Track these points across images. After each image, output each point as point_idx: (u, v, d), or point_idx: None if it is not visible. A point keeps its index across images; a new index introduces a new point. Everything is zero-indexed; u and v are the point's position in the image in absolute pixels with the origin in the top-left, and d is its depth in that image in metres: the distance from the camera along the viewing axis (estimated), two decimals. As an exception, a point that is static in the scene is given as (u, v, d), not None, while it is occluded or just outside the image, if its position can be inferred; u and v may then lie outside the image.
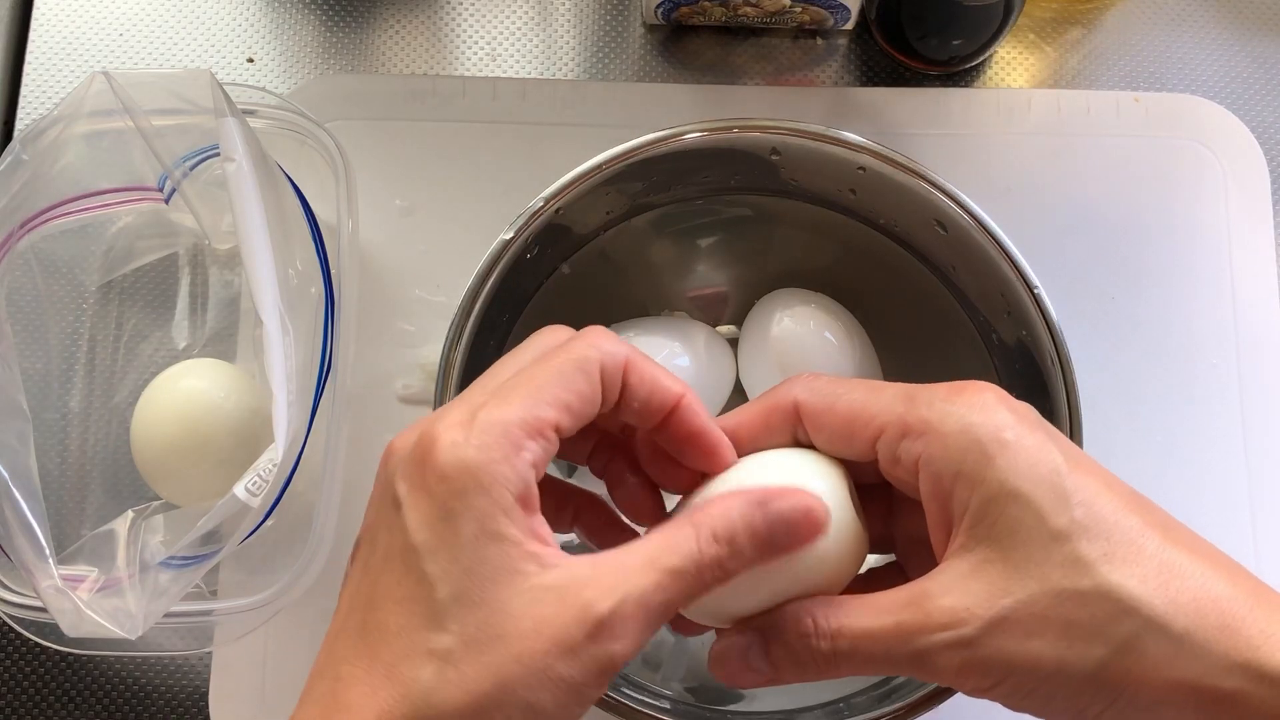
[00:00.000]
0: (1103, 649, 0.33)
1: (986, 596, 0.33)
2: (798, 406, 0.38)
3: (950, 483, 0.35)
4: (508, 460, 0.32)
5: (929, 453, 0.35)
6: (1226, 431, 0.59)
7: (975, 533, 0.34)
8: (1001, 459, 0.34)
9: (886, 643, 0.34)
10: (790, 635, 0.35)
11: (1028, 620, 0.33)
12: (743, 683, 0.36)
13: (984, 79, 0.65)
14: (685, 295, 0.58)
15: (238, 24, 0.64)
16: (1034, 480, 0.34)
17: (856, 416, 0.37)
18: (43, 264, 0.57)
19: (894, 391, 0.37)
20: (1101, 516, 0.34)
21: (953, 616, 0.33)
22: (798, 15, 0.62)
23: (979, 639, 0.33)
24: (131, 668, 0.56)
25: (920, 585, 0.35)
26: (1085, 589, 0.33)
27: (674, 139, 0.50)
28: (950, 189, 0.49)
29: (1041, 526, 0.33)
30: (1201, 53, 0.65)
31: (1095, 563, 0.33)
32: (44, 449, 0.56)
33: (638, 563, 0.33)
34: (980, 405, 0.35)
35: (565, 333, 0.37)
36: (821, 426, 0.38)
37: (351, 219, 0.55)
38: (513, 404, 0.33)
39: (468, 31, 0.65)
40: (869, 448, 0.37)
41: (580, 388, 0.34)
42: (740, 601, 0.36)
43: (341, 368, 0.53)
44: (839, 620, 0.35)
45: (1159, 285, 0.61)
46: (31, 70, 0.63)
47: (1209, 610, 0.33)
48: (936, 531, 0.36)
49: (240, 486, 0.46)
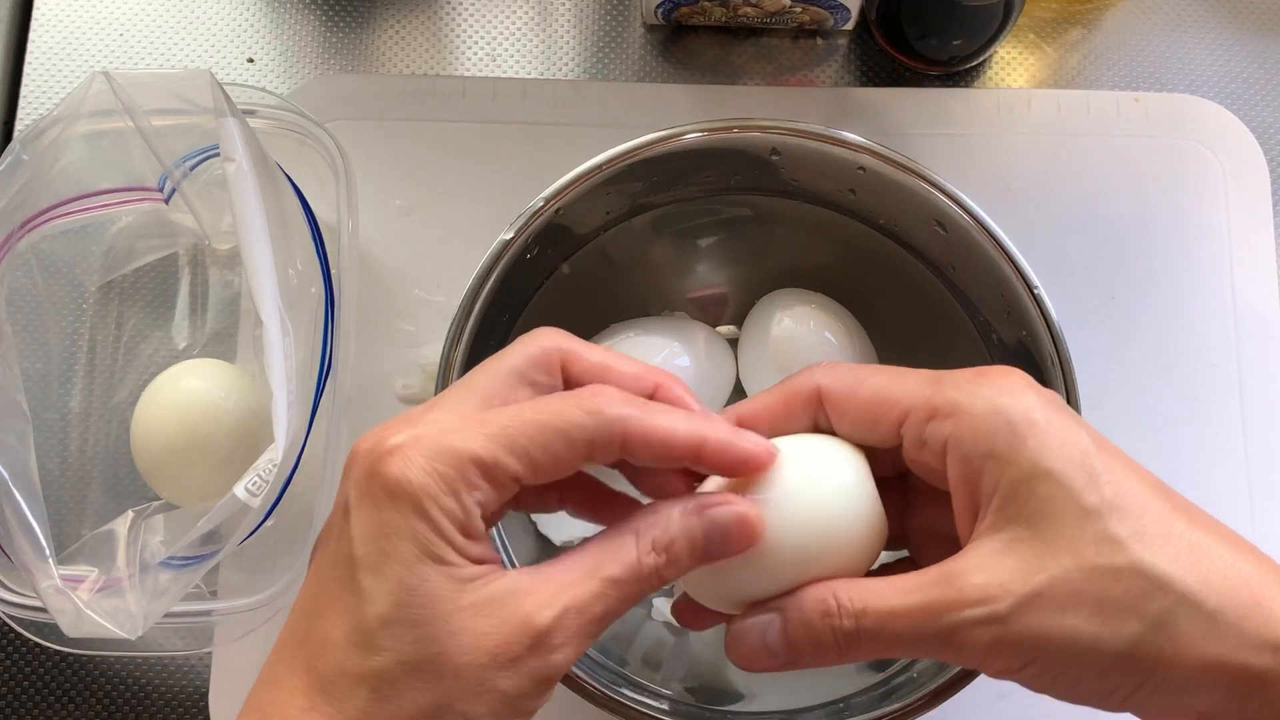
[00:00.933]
0: (1137, 625, 0.33)
1: (1020, 573, 0.33)
2: (820, 392, 0.38)
3: (980, 463, 0.34)
4: (454, 495, 0.32)
5: (958, 434, 0.35)
6: (1227, 431, 0.59)
7: (1006, 512, 0.34)
8: (1033, 439, 0.34)
9: (914, 620, 0.34)
10: (811, 614, 0.35)
11: (1062, 596, 0.33)
12: (757, 665, 0.36)
13: (984, 79, 0.65)
14: (685, 295, 0.58)
15: (238, 24, 0.64)
16: (1065, 459, 0.34)
17: (881, 400, 0.37)
18: (43, 264, 0.57)
19: (919, 376, 0.37)
20: (1131, 496, 0.34)
21: (985, 593, 0.33)
22: (798, 15, 0.62)
23: (1012, 615, 0.33)
24: (131, 668, 0.56)
25: (949, 565, 0.34)
26: (1120, 565, 0.33)
27: (674, 139, 0.50)
28: (950, 189, 0.49)
29: (1073, 504, 0.33)
30: (1201, 53, 0.65)
31: (1127, 540, 0.33)
32: (44, 449, 0.56)
33: (578, 574, 0.33)
34: (1009, 388, 0.35)
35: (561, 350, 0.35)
36: (845, 412, 0.38)
37: (351, 219, 0.55)
38: (478, 438, 0.32)
39: (468, 31, 0.65)
40: (893, 432, 0.37)
41: (557, 452, 0.33)
42: (757, 585, 0.36)
43: (341, 368, 0.53)
44: (863, 599, 0.34)
45: (1159, 285, 0.61)
46: (31, 70, 0.63)
47: (1240, 589, 0.33)
48: (963, 515, 0.36)
49: (240, 486, 0.46)
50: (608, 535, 0.34)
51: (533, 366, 0.35)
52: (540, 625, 0.32)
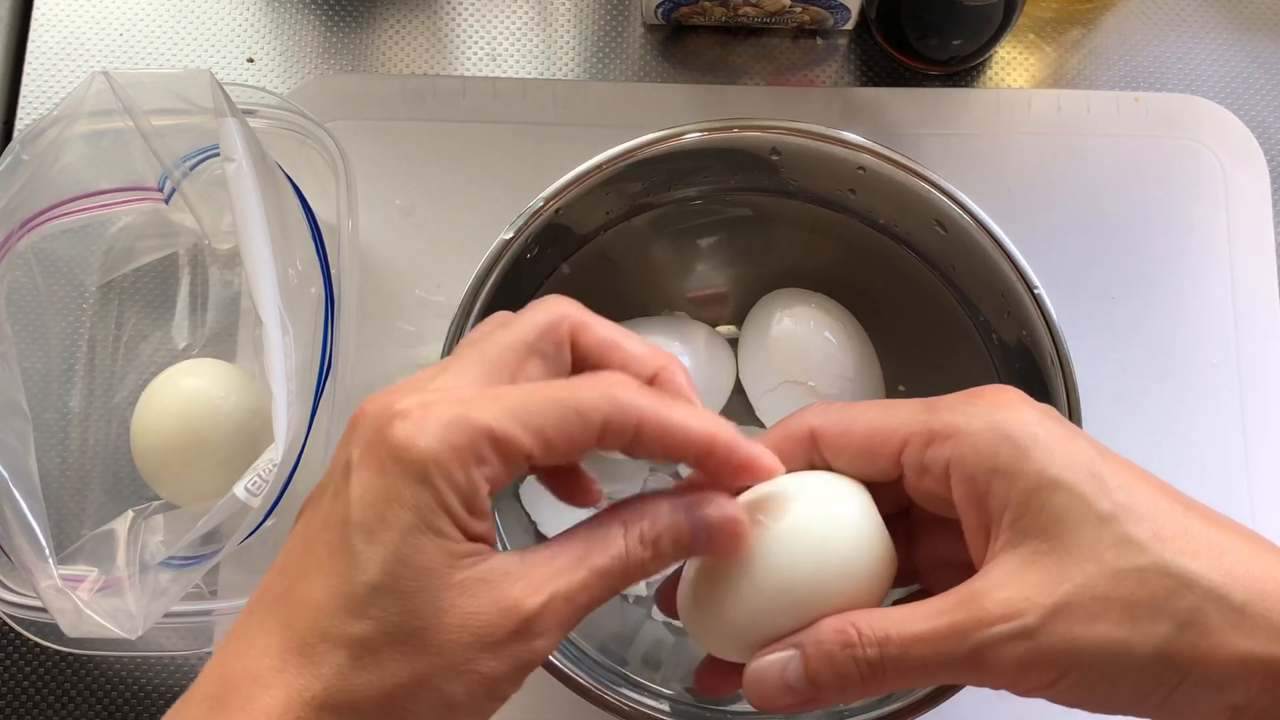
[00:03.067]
0: (1167, 625, 0.32)
1: (1044, 585, 0.33)
2: (814, 432, 0.38)
3: (986, 481, 0.34)
4: (464, 467, 0.31)
5: (959, 454, 0.35)
6: (1226, 431, 0.59)
7: (1019, 526, 0.34)
8: (1036, 451, 0.34)
9: (940, 644, 0.33)
10: (832, 646, 0.34)
11: (1090, 603, 0.32)
12: (779, 704, 0.35)
13: (984, 79, 0.65)
14: (685, 295, 0.58)
15: (238, 24, 0.64)
16: (1072, 469, 0.34)
17: (876, 432, 0.37)
18: (43, 264, 0.57)
19: (911, 404, 0.37)
20: (1142, 499, 0.34)
21: (1011, 608, 0.33)
22: (798, 15, 0.62)
23: (1042, 627, 0.32)
24: (131, 668, 0.56)
25: (970, 585, 0.34)
26: (1143, 566, 0.33)
27: (674, 139, 0.50)
28: (950, 189, 0.49)
29: (1088, 511, 0.33)
30: (1201, 53, 0.65)
31: (1147, 542, 0.33)
32: (44, 449, 0.56)
33: (566, 561, 0.32)
34: (1004, 404, 0.35)
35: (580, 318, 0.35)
36: (842, 449, 0.37)
37: (351, 219, 0.55)
38: (494, 410, 0.31)
39: (468, 31, 0.65)
40: (893, 463, 0.36)
41: (572, 433, 0.32)
42: (769, 625, 0.35)
43: (341, 368, 0.53)
44: (884, 627, 0.34)
45: (1159, 285, 0.61)
46: (31, 70, 0.63)
47: (1265, 581, 0.33)
48: (975, 537, 0.35)
49: (240, 486, 0.46)
50: (595, 524, 0.34)
51: (542, 337, 0.34)
52: (527, 611, 0.31)
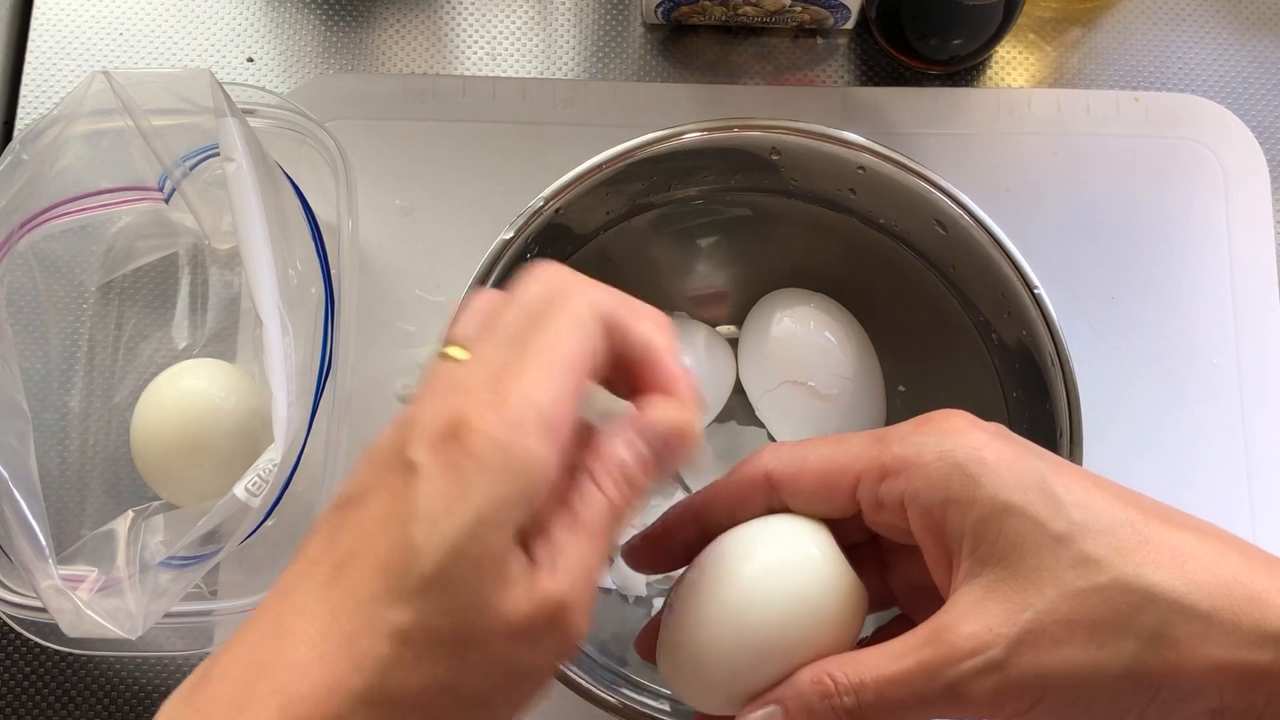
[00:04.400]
0: (1134, 642, 0.32)
1: (1007, 614, 0.33)
2: (768, 475, 0.38)
3: (940, 512, 0.34)
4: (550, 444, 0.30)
5: (912, 487, 0.35)
6: (1227, 431, 0.59)
7: (978, 555, 0.34)
8: (986, 477, 0.34)
9: (913, 684, 0.33)
10: (811, 698, 0.34)
11: (1053, 628, 0.32)
12: None
13: (984, 79, 0.65)
14: (685, 295, 0.58)
15: (238, 24, 0.64)
16: (1023, 490, 0.33)
17: (829, 471, 0.37)
18: (43, 264, 0.57)
19: (861, 438, 0.37)
20: (1099, 513, 0.33)
21: (977, 641, 0.33)
22: (798, 15, 0.62)
23: (1009, 658, 0.32)
24: (131, 668, 0.56)
25: (935, 621, 0.34)
26: (1103, 584, 0.32)
27: (674, 139, 0.50)
28: (950, 189, 0.49)
29: (1043, 533, 0.33)
30: (1201, 53, 0.65)
31: (1106, 558, 0.32)
32: (44, 449, 0.56)
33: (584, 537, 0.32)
34: (952, 430, 0.35)
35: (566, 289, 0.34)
36: (797, 490, 0.37)
37: (351, 219, 0.55)
38: (544, 382, 0.31)
39: (468, 31, 0.65)
40: (848, 499, 0.37)
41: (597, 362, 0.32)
42: (750, 678, 0.36)
43: (341, 368, 0.53)
44: (858, 673, 0.34)
45: (1159, 285, 0.61)
46: (31, 70, 0.63)
47: (1230, 585, 0.32)
48: (937, 567, 0.35)
49: (240, 486, 0.46)
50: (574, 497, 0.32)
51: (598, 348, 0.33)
52: (559, 597, 0.30)
